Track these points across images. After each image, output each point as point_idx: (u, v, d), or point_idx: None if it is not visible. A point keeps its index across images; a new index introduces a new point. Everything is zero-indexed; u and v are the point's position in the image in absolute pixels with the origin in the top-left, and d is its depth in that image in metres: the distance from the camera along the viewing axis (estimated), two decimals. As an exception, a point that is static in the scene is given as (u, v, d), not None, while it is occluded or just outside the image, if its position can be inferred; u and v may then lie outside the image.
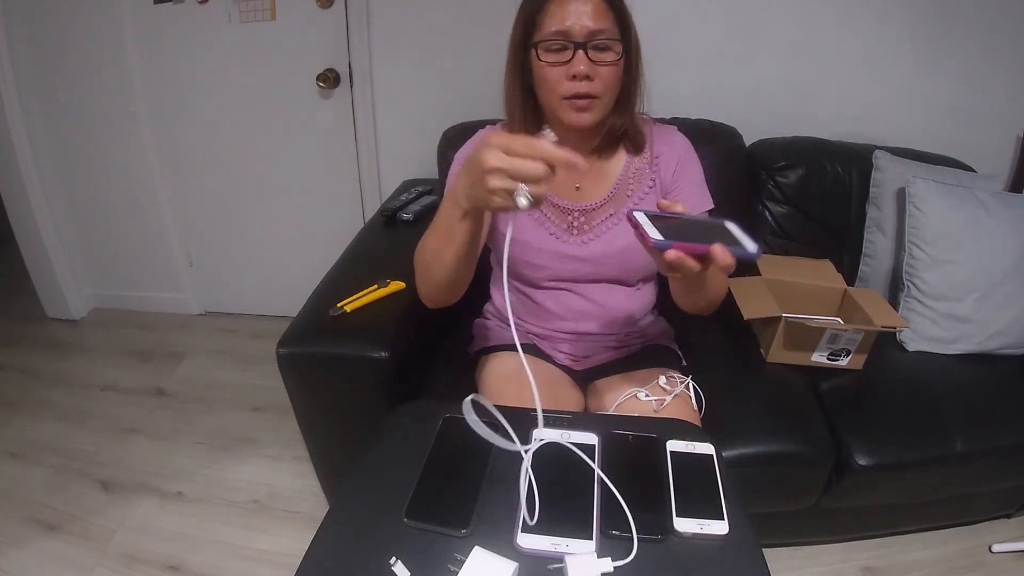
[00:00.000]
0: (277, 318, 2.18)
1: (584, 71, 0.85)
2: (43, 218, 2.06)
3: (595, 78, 0.86)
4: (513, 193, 0.61)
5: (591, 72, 0.85)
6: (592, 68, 0.85)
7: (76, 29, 1.80)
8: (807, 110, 1.64)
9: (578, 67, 0.85)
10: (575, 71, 0.85)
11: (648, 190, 1.00)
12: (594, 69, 0.85)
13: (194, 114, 1.91)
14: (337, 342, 1.10)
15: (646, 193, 1.00)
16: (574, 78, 0.85)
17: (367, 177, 1.91)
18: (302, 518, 1.45)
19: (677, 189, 0.99)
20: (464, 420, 0.67)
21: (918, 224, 1.36)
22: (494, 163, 0.61)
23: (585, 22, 0.84)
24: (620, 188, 1.00)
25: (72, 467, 1.59)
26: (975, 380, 1.31)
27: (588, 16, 0.84)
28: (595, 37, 0.84)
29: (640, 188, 1.00)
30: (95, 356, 2.07)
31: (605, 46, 0.86)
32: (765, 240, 1.55)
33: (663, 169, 1.00)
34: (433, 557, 0.57)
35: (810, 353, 1.28)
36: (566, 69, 0.86)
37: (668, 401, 0.96)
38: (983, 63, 1.56)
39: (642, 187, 1.00)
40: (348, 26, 1.70)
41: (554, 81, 0.87)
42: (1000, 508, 1.41)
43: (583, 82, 0.86)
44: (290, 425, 1.45)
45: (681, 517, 0.61)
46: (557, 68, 0.86)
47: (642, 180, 1.00)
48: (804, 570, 1.33)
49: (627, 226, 0.99)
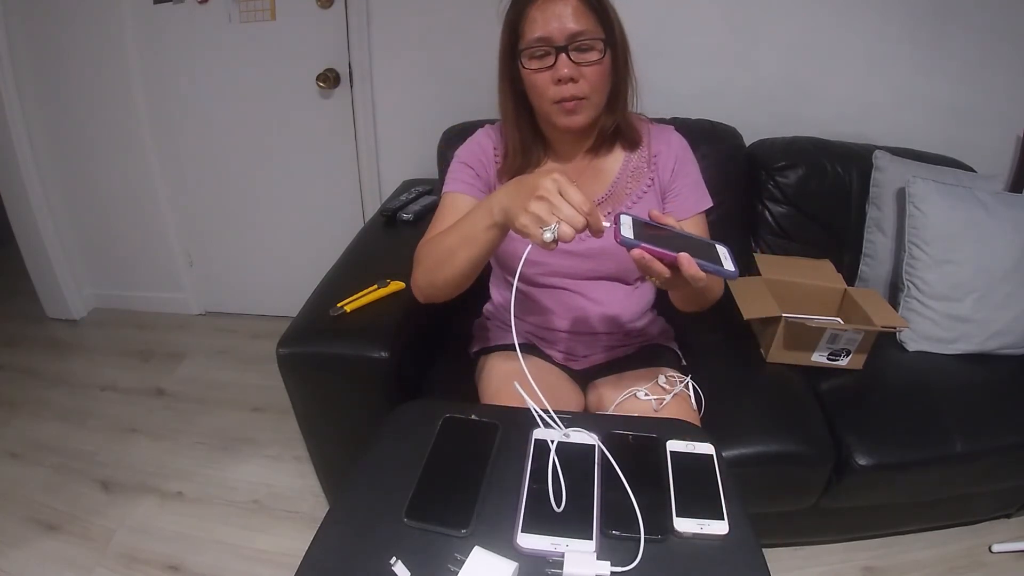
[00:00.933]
0: (277, 318, 2.18)
1: (568, 74, 0.86)
2: (43, 218, 2.06)
3: (580, 79, 0.87)
4: (544, 225, 0.65)
5: (575, 74, 0.86)
6: (576, 70, 0.86)
7: (76, 29, 1.80)
8: (807, 110, 1.64)
9: (561, 71, 0.85)
10: (559, 75, 0.86)
11: (647, 188, 1.00)
12: (578, 71, 0.86)
13: (194, 114, 1.91)
14: (337, 342, 1.10)
15: (644, 192, 1.00)
16: (559, 82, 0.86)
17: (367, 177, 1.91)
18: (302, 518, 1.45)
19: (676, 189, 1.00)
20: (464, 420, 0.67)
21: (918, 224, 1.36)
22: (546, 192, 0.65)
23: (566, 24, 0.84)
24: (618, 186, 1.00)
25: (72, 467, 1.59)
26: (975, 380, 1.31)
27: (568, 18, 0.85)
28: (576, 39, 0.85)
29: (638, 187, 1.01)
30: (95, 356, 2.07)
31: (587, 46, 0.86)
32: (765, 240, 1.55)
33: (661, 168, 1.00)
34: (433, 557, 0.57)
35: (810, 353, 1.28)
36: (551, 74, 0.87)
37: (667, 400, 0.96)
38: (983, 63, 1.56)
39: (640, 185, 1.01)
40: (348, 26, 1.70)
41: (541, 87, 0.88)
42: (1000, 508, 1.41)
43: (568, 85, 0.86)
44: (290, 425, 1.46)
45: (681, 517, 0.61)
46: (543, 74, 0.87)
47: (640, 178, 1.01)
48: (804, 570, 1.33)
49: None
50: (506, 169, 1.00)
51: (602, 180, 1.01)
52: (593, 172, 1.01)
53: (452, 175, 1.00)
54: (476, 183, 0.99)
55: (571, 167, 1.01)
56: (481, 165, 1.00)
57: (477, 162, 1.00)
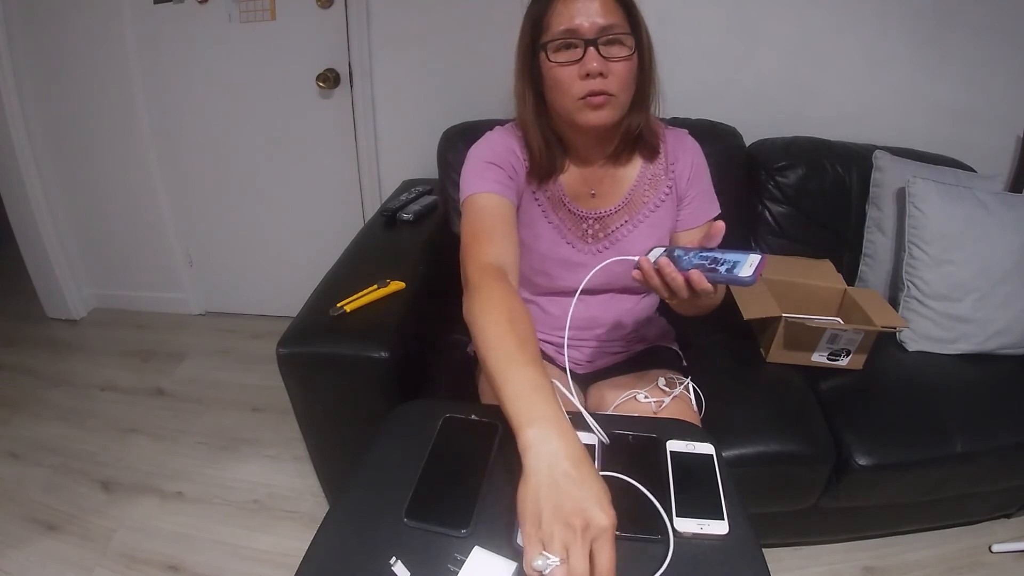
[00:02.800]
0: (277, 318, 2.18)
1: (597, 68, 0.81)
2: (43, 218, 2.06)
3: (608, 75, 0.82)
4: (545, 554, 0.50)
5: (604, 69, 0.82)
6: (605, 64, 0.82)
7: (76, 29, 1.80)
8: (807, 110, 1.64)
9: (591, 64, 0.81)
10: (588, 68, 0.81)
11: (664, 197, 0.98)
12: (607, 66, 0.82)
13: (194, 114, 1.91)
14: (337, 342, 1.10)
15: (662, 200, 0.99)
16: (587, 76, 0.82)
17: (367, 177, 1.91)
18: (302, 518, 1.45)
19: (690, 196, 0.99)
20: (464, 420, 0.67)
21: (918, 224, 1.36)
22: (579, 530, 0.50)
23: (595, 18, 0.81)
24: (635, 195, 0.98)
25: (72, 467, 1.59)
26: (975, 380, 1.31)
27: (597, 12, 0.81)
28: (605, 33, 0.81)
29: (656, 195, 0.98)
30: (95, 356, 2.07)
31: (616, 40, 0.82)
32: (765, 240, 1.55)
33: (679, 176, 0.98)
34: (433, 557, 0.57)
35: (810, 353, 1.28)
36: (578, 68, 0.82)
37: (667, 403, 0.96)
38: (983, 63, 1.57)
39: (658, 194, 0.98)
40: (348, 26, 1.70)
41: (567, 82, 0.84)
42: (1000, 508, 1.41)
43: (597, 80, 0.82)
44: (290, 425, 1.45)
45: (681, 517, 0.61)
46: (568, 68, 0.83)
47: (658, 187, 0.98)
48: (804, 570, 1.33)
49: (642, 233, 0.99)
50: (535, 171, 0.95)
51: (620, 187, 0.98)
52: (611, 179, 0.98)
53: (478, 174, 0.90)
54: (510, 184, 0.92)
55: (590, 172, 0.98)
56: (511, 166, 0.92)
57: (506, 163, 0.92)
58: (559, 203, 0.98)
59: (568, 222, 0.99)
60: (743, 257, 0.65)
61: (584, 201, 0.99)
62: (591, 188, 0.98)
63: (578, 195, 0.98)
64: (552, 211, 0.98)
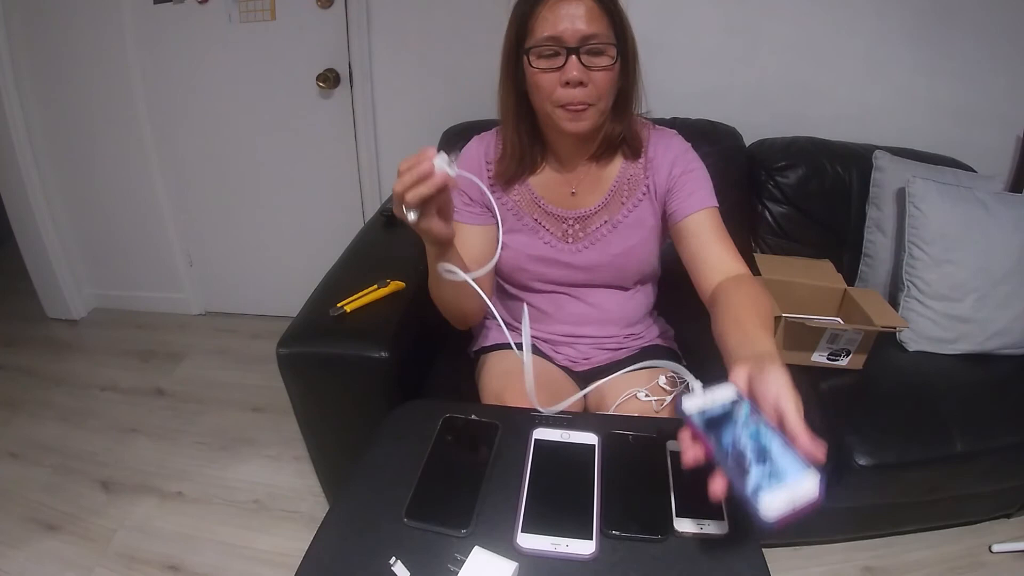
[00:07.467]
0: (277, 318, 2.18)
1: (577, 77, 0.82)
2: (43, 218, 2.06)
3: (589, 84, 0.83)
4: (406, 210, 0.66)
5: (584, 78, 0.82)
6: (586, 74, 0.82)
7: (76, 29, 1.80)
8: (807, 110, 1.64)
9: (571, 73, 0.82)
10: (568, 77, 0.82)
11: (642, 196, 0.99)
12: (588, 75, 0.83)
13: (194, 114, 1.91)
14: (337, 342, 1.10)
15: (640, 200, 0.99)
16: (567, 84, 0.83)
17: (367, 177, 1.91)
18: (302, 518, 1.45)
19: (680, 184, 0.97)
20: (464, 420, 0.66)
21: (918, 224, 1.36)
22: (396, 188, 0.65)
23: (578, 26, 0.81)
24: (615, 195, 0.99)
25: (72, 467, 1.59)
26: (975, 380, 1.31)
27: (581, 20, 0.81)
28: (588, 42, 0.82)
29: (634, 195, 0.99)
30: (95, 356, 2.07)
31: (599, 50, 0.83)
32: (765, 240, 1.55)
33: (655, 174, 0.98)
34: (433, 557, 0.57)
35: (810, 353, 1.28)
36: (559, 75, 0.83)
37: (668, 401, 0.96)
38: (983, 63, 1.57)
39: (636, 194, 0.99)
40: (348, 26, 1.70)
41: (547, 88, 0.85)
42: (1000, 508, 1.41)
43: (576, 89, 0.83)
44: (290, 425, 1.45)
45: (681, 517, 0.61)
46: (550, 75, 0.84)
47: (636, 187, 0.99)
48: (804, 570, 1.33)
49: (621, 233, 1.00)
50: (499, 173, 0.98)
51: (600, 188, 0.99)
52: (592, 179, 0.99)
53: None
54: (471, 206, 0.97)
55: (572, 174, 0.99)
56: (473, 187, 0.95)
57: (469, 185, 0.94)
58: (533, 205, 1.00)
59: (548, 223, 1.01)
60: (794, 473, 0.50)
61: (564, 202, 1.00)
62: (571, 187, 0.99)
63: (558, 196, 1.00)
64: (526, 212, 1.01)
